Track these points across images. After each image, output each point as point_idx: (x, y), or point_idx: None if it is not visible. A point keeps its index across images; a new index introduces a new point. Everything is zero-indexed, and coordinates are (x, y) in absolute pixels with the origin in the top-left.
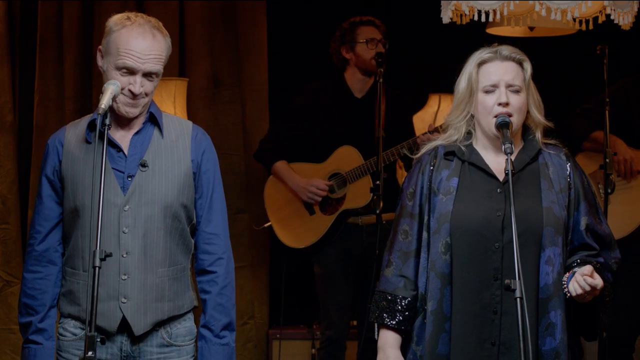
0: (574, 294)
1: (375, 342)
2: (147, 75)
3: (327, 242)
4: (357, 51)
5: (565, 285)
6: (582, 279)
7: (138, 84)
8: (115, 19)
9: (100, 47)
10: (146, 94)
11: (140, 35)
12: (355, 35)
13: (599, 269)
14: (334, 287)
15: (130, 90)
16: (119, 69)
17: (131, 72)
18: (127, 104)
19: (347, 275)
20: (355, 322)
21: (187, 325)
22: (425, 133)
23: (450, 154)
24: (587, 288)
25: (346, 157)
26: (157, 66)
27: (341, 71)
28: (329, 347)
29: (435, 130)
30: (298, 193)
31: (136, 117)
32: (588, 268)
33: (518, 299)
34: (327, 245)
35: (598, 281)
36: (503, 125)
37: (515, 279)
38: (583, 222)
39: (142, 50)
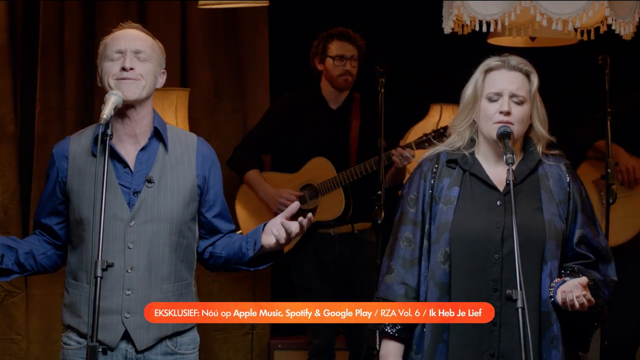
0: (560, 301)
1: (378, 353)
2: (136, 53)
3: (300, 253)
4: (326, 65)
5: (551, 291)
6: (581, 294)
7: (128, 59)
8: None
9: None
10: (141, 75)
11: (127, 27)
12: (326, 48)
13: (595, 286)
14: (313, 297)
15: (122, 68)
16: (110, 58)
17: (121, 53)
18: (121, 83)
19: (325, 284)
20: (342, 333)
21: (191, 334)
22: (398, 147)
23: (452, 161)
24: (585, 303)
25: (319, 169)
26: (145, 47)
27: (317, 80)
28: (318, 356)
29: (408, 146)
30: (268, 203)
31: (141, 127)
32: (585, 280)
33: (520, 309)
34: (300, 256)
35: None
36: (504, 136)
37: (516, 289)
38: (577, 234)
39: (129, 33)
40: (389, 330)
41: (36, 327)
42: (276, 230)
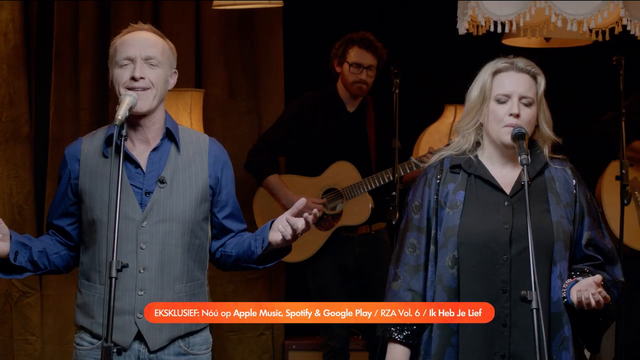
0: (575, 301)
1: None
2: (147, 60)
3: (319, 256)
4: (343, 69)
5: (564, 291)
6: (597, 292)
7: (138, 68)
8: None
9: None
10: (152, 83)
11: (137, 30)
12: (346, 53)
13: (606, 286)
14: (330, 298)
15: (132, 77)
16: (121, 65)
17: (131, 60)
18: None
19: (342, 286)
20: (360, 337)
21: (203, 334)
22: (427, 154)
23: (456, 167)
24: (592, 302)
25: (343, 173)
26: (156, 52)
27: (335, 81)
28: (334, 358)
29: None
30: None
31: (153, 131)
32: (599, 277)
33: (534, 310)
34: (319, 259)
35: (605, 292)
36: (519, 137)
37: (530, 290)
38: (585, 236)
39: (139, 38)
40: (397, 337)
41: (51, 327)
42: (282, 227)
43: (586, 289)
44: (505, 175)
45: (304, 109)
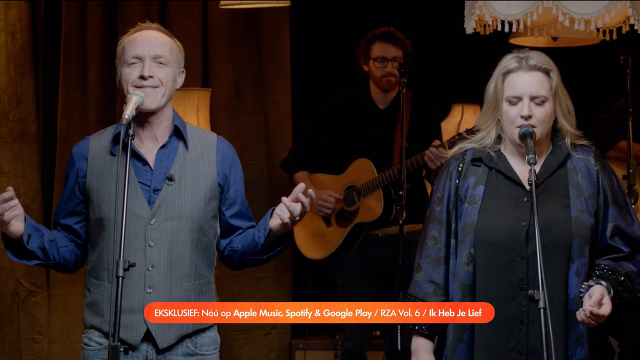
0: (579, 319)
1: (399, 352)
2: (155, 59)
3: (346, 254)
4: (369, 66)
5: (581, 291)
6: (589, 311)
7: (147, 67)
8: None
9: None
10: (161, 82)
11: (144, 29)
12: (369, 50)
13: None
14: (353, 299)
15: (140, 76)
16: (129, 64)
17: (140, 59)
18: (140, 91)
19: (366, 287)
20: (378, 333)
21: (211, 334)
22: (431, 147)
23: (477, 160)
24: (592, 323)
25: (361, 170)
26: (165, 51)
27: (366, 80)
28: (349, 359)
29: (442, 146)
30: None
31: (161, 129)
32: (597, 295)
33: (542, 310)
34: (346, 257)
35: (604, 310)
36: (526, 136)
37: (538, 289)
38: (610, 227)
39: (147, 37)
40: (418, 329)
41: (58, 326)
42: (280, 211)
43: (583, 311)
44: (527, 170)
45: (333, 109)
